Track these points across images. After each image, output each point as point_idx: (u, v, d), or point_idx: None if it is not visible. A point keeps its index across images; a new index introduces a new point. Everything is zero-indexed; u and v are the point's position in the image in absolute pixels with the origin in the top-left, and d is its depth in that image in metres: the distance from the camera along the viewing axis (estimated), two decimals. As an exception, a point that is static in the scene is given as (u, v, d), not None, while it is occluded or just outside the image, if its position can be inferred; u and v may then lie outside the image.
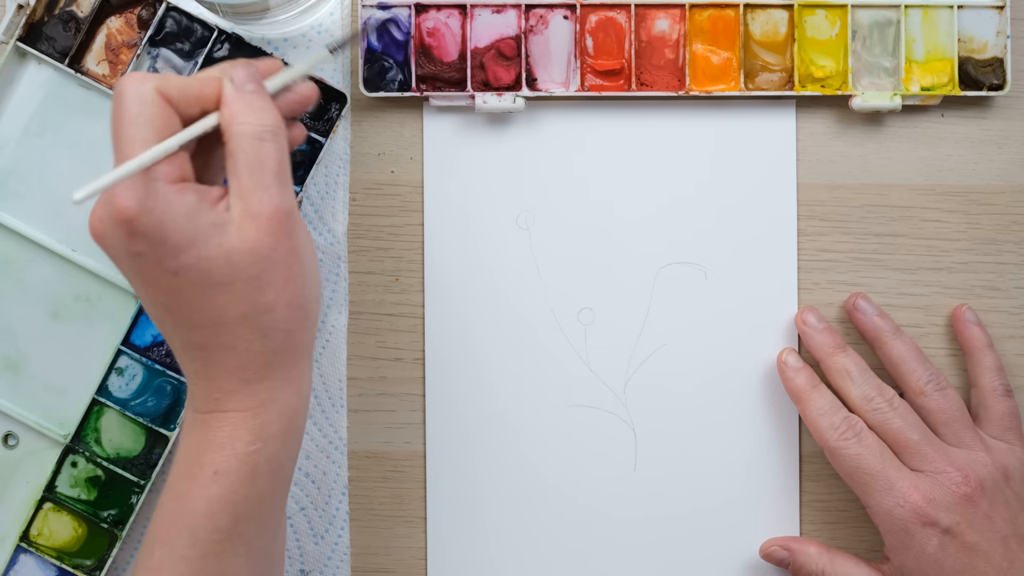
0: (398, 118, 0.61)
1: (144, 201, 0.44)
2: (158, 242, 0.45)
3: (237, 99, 0.46)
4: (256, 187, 0.46)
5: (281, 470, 0.49)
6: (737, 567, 0.62)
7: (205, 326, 0.46)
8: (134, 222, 0.44)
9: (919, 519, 0.56)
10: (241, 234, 0.45)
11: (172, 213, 0.45)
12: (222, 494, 0.47)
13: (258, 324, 0.46)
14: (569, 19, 0.60)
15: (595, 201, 0.61)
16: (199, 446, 0.48)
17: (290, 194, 0.46)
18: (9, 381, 0.60)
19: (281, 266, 0.46)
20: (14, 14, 0.59)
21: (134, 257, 0.46)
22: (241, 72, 0.47)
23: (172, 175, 0.45)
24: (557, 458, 0.61)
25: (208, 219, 0.45)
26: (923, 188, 0.62)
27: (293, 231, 0.46)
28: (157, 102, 0.46)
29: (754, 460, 0.62)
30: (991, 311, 0.62)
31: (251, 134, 0.46)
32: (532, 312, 0.61)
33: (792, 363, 0.60)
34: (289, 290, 0.47)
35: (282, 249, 0.46)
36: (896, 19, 0.61)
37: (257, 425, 0.47)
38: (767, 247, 0.61)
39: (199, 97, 0.47)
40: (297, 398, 0.49)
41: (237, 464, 0.47)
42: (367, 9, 0.60)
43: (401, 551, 0.62)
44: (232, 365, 0.47)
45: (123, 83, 0.46)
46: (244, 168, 0.46)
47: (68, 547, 0.60)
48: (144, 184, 0.45)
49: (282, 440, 0.48)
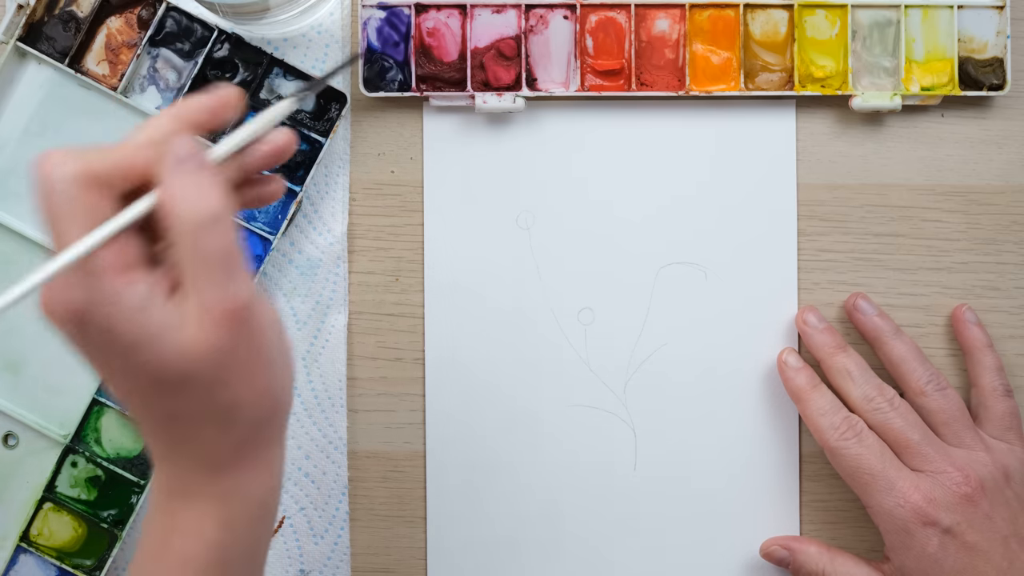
0: (398, 118, 0.61)
1: (89, 297, 0.39)
2: (107, 343, 0.40)
3: (175, 180, 0.40)
4: (204, 282, 0.40)
5: (254, 555, 0.46)
6: (737, 567, 0.62)
7: (165, 421, 0.42)
8: (82, 319, 0.40)
9: (920, 519, 0.56)
10: (197, 331, 0.40)
11: (120, 310, 0.40)
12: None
13: (220, 420, 0.42)
14: (569, 19, 0.60)
15: (595, 201, 0.61)
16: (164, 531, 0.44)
17: (244, 283, 0.41)
18: (9, 381, 0.60)
19: (241, 362, 0.41)
20: (14, 14, 0.59)
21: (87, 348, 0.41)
22: (180, 147, 0.40)
23: (116, 265, 0.40)
24: (557, 458, 0.61)
25: (159, 316, 0.40)
26: (923, 188, 0.62)
27: (252, 323, 0.41)
28: (83, 190, 0.40)
29: (754, 460, 0.62)
30: (991, 311, 0.62)
31: (192, 221, 0.39)
32: (532, 312, 0.61)
33: (792, 363, 0.60)
34: (252, 387, 0.42)
35: (242, 346, 0.41)
36: (896, 19, 0.61)
37: (225, 513, 0.44)
38: (767, 247, 0.61)
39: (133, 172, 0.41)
40: (267, 483, 0.45)
41: (205, 552, 0.43)
42: (367, 9, 0.60)
43: (401, 551, 0.62)
44: (195, 455, 0.43)
45: (44, 167, 0.40)
46: (189, 260, 0.40)
47: (68, 547, 0.60)
48: (87, 279, 0.39)
49: (252, 527, 0.45)
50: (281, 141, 0.44)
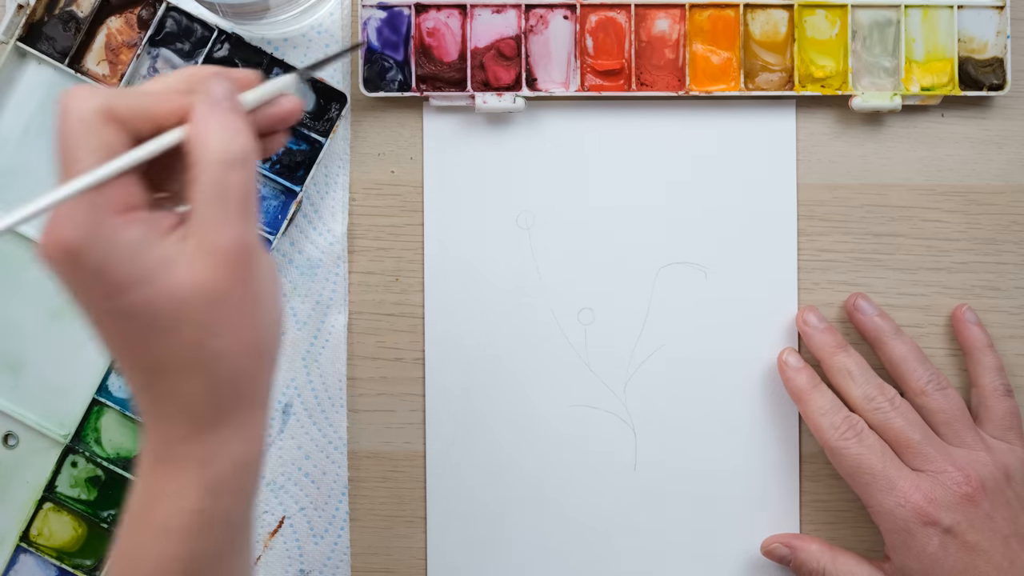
0: (398, 118, 0.61)
1: (86, 233, 0.40)
2: (100, 280, 0.40)
3: (209, 117, 0.41)
4: (216, 218, 0.41)
5: (237, 524, 0.45)
6: (737, 566, 0.62)
7: (152, 369, 0.42)
8: (77, 255, 0.40)
9: (920, 519, 0.56)
10: (192, 272, 0.40)
11: (117, 247, 0.40)
12: (174, 553, 0.43)
13: (206, 371, 0.42)
14: (569, 19, 0.60)
15: (595, 201, 0.61)
16: (148, 496, 0.44)
17: (253, 228, 0.41)
18: (9, 381, 0.60)
19: (234, 310, 0.41)
20: (14, 14, 0.59)
21: (79, 289, 0.41)
22: (217, 87, 0.42)
23: (118, 203, 0.40)
24: (557, 458, 0.61)
25: (156, 254, 0.40)
26: (923, 188, 0.62)
27: (251, 270, 0.41)
28: (101, 123, 0.41)
29: (754, 460, 0.62)
30: (991, 311, 0.62)
31: (219, 160, 0.41)
32: (532, 312, 0.61)
33: (793, 363, 0.60)
34: (242, 337, 0.42)
35: (237, 291, 0.41)
36: (896, 19, 0.61)
37: (207, 477, 0.43)
38: (767, 247, 0.61)
39: (154, 115, 0.42)
40: (252, 447, 0.44)
41: (187, 521, 0.43)
42: (367, 9, 0.60)
43: (401, 551, 0.62)
44: (179, 411, 0.42)
45: (66, 100, 0.41)
46: (206, 196, 0.41)
47: (68, 547, 0.60)
48: (86, 214, 0.40)
49: (236, 494, 0.44)
50: (291, 104, 0.45)
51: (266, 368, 0.44)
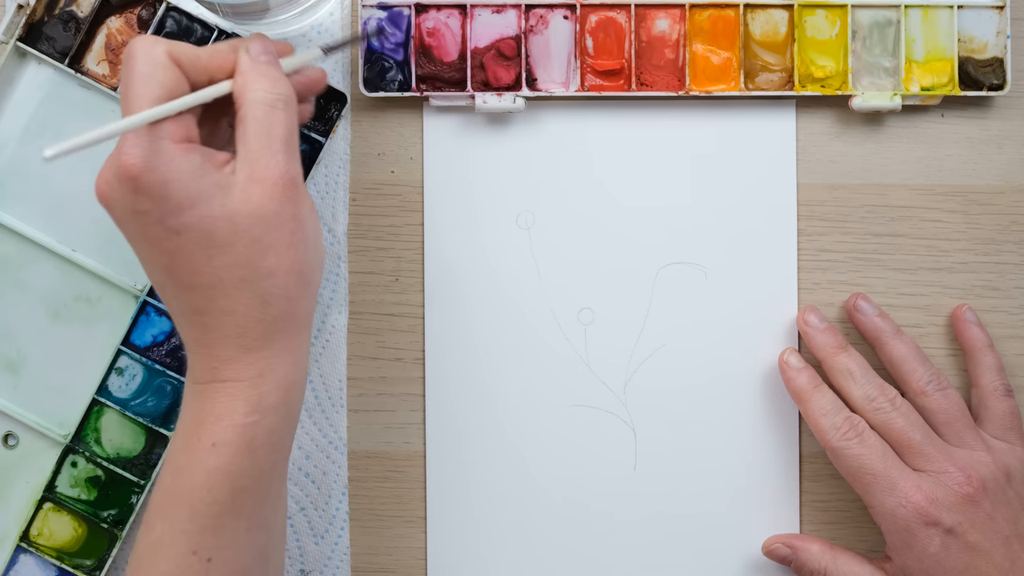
0: (398, 118, 0.61)
1: (149, 158, 0.45)
2: (162, 199, 0.45)
3: (252, 68, 0.48)
4: (264, 152, 0.46)
5: (280, 443, 0.49)
6: (737, 566, 0.62)
7: (204, 289, 0.47)
8: (139, 178, 0.45)
9: (921, 519, 0.56)
10: (245, 196, 0.46)
11: (177, 171, 0.45)
12: (220, 466, 0.47)
13: (258, 289, 0.47)
14: (569, 19, 0.60)
15: (595, 201, 0.61)
16: (197, 417, 0.47)
17: (297, 163, 0.47)
18: (9, 381, 0.60)
19: (283, 231, 0.47)
20: (14, 14, 0.59)
21: (138, 215, 0.46)
22: (257, 45, 0.49)
23: (178, 135, 0.46)
24: (557, 458, 0.61)
25: (213, 179, 0.46)
26: (923, 188, 0.62)
27: (297, 198, 0.47)
28: (168, 64, 0.47)
29: (754, 460, 0.62)
30: (991, 311, 0.62)
31: (264, 100, 0.47)
32: (532, 312, 0.61)
33: (794, 363, 0.60)
34: (290, 256, 0.47)
35: (285, 214, 0.47)
36: (896, 19, 0.61)
37: (255, 396, 0.47)
38: (767, 247, 0.61)
39: (208, 67, 0.48)
40: (295, 370, 0.49)
41: (235, 436, 0.47)
42: (367, 9, 0.60)
43: (401, 551, 0.62)
44: (230, 331, 0.47)
45: (135, 44, 0.47)
46: (253, 133, 0.47)
47: (68, 547, 0.60)
48: (150, 141, 0.45)
49: (280, 412, 0.48)
50: (318, 74, 0.52)
51: (309, 292, 0.48)
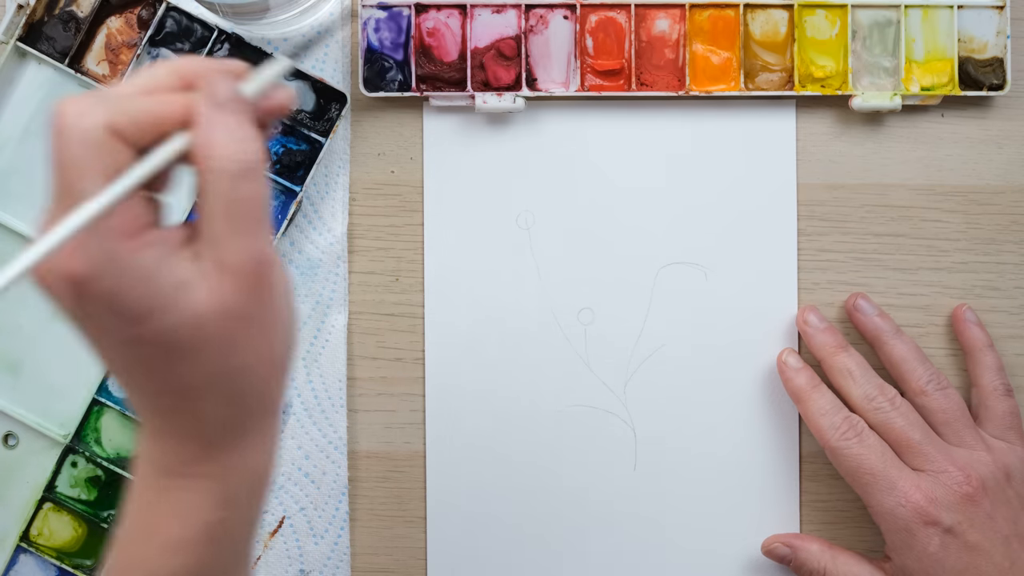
0: (398, 118, 0.61)
1: (97, 263, 0.37)
2: (113, 312, 0.37)
3: (216, 123, 0.38)
4: (231, 235, 0.38)
5: (247, 535, 0.44)
6: (737, 566, 0.61)
7: (167, 394, 0.40)
8: (83, 286, 0.37)
9: (921, 519, 0.56)
10: (211, 293, 0.38)
11: (130, 275, 0.37)
12: (184, 566, 0.41)
13: (228, 388, 0.40)
14: (569, 19, 0.60)
15: (595, 201, 0.61)
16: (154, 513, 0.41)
17: (268, 240, 0.39)
18: (9, 381, 0.60)
19: (255, 324, 0.39)
20: (14, 14, 0.59)
21: (86, 319, 0.39)
22: (222, 86, 0.38)
23: (126, 227, 0.37)
24: (557, 458, 0.61)
25: (172, 278, 0.38)
26: (923, 188, 0.62)
27: (269, 284, 0.39)
28: (107, 142, 0.37)
29: (754, 460, 0.62)
30: (991, 311, 0.62)
31: (229, 171, 0.38)
32: (532, 312, 0.61)
33: (792, 363, 0.60)
34: (262, 350, 0.40)
35: (256, 307, 0.39)
36: (896, 19, 0.61)
37: (223, 492, 0.41)
38: (767, 247, 0.61)
39: (157, 122, 0.38)
40: (265, 459, 0.43)
41: (201, 534, 0.41)
42: (367, 9, 0.60)
43: (401, 551, 0.62)
44: (197, 431, 0.41)
45: (62, 116, 0.37)
46: (219, 212, 0.38)
47: (68, 547, 0.60)
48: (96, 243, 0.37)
49: (248, 504, 0.43)
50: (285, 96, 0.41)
51: (282, 377, 0.42)
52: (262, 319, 0.40)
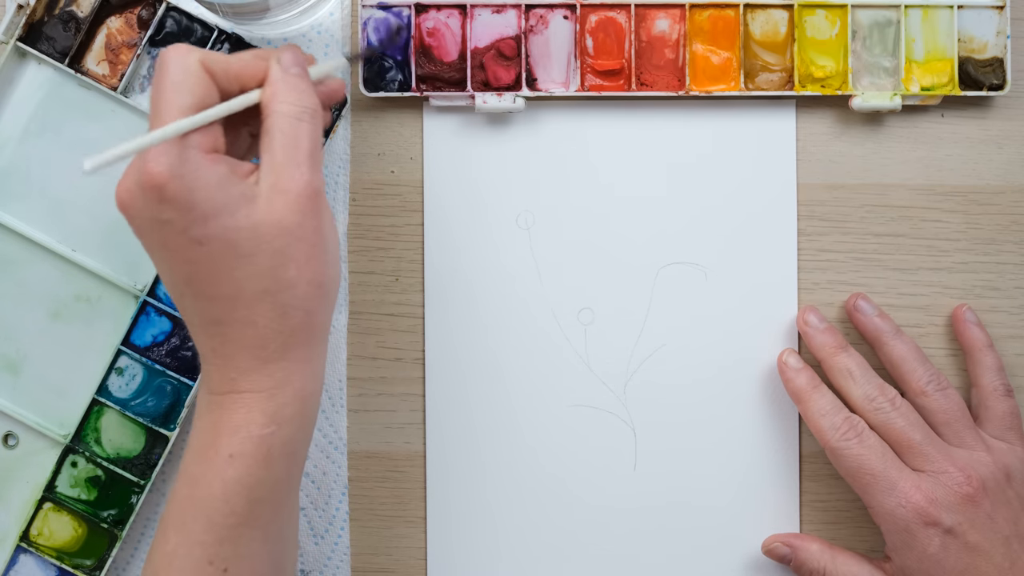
0: (398, 118, 0.61)
1: (176, 167, 0.45)
2: (186, 209, 0.45)
3: (282, 80, 0.48)
4: (288, 164, 0.47)
5: (296, 454, 0.49)
6: (737, 566, 0.62)
7: (225, 299, 0.47)
8: (164, 188, 0.45)
9: (921, 519, 0.56)
10: (269, 207, 0.46)
11: (203, 181, 0.45)
12: (237, 477, 0.47)
13: (278, 300, 0.47)
14: (569, 19, 0.60)
15: (595, 201, 0.61)
16: (213, 429, 0.48)
17: (320, 175, 0.48)
18: (9, 381, 0.60)
19: (305, 243, 0.47)
20: (14, 14, 0.59)
21: (160, 225, 0.46)
22: (288, 56, 0.49)
23: (206, 145, 0.46)
24: (557, 458, 0.61)
25: (238, 190, 0.46)
26: (923, 188, 0.62)
27: (319, 210, 0.47)
28: (200, 73, 0.47)
29: (754, 460, 0.62)
30: (991, 311, 0.62)
31: (291, 113, 0.47)
32: (532, 312, 0.61)
33: (793, 363, 0.60)
34: (311, 268, 0.47)
35: (308, 226, 0.47)
36: (896, 19, 0.61)
37: (272, 407, 0.48)
38: (767, 247, 0.61)
39: (239, 76, 0.48)
40: (312, 381, 0.49)
41: (252, 447, 0.47)
42: (367, 9, 0.60)
43: (401, 551, 0.62)
44: (249, 342, 0.47)
45: (169, 52, 0.47)
46: (279, 145, 0.47)
47: (68, 547, 0.60)
48: (177, 151, 0.45)
49: (297, 423, 0.48)
50: (337, 85, 0.52)
51: (327, 304, 0.49)
52: (311, 240, 0.47)
